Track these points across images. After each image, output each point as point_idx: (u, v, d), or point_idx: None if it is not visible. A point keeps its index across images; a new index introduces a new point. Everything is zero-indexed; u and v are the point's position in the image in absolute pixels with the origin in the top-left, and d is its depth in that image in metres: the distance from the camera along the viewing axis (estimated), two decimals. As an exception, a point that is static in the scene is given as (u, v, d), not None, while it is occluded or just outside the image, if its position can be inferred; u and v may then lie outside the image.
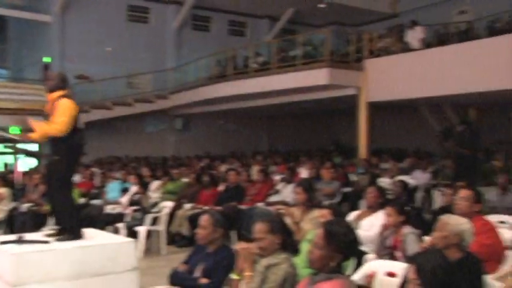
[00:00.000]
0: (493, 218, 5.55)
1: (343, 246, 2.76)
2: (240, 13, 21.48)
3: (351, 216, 5.78)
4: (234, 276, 3.34)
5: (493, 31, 13.02)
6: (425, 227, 4.62)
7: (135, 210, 8.11)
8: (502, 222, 5.82)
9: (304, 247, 3.79)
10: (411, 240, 4.32)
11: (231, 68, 16.08)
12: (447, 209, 5.21)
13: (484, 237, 4.17)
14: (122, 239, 5.50)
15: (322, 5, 19.28)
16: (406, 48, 13.20)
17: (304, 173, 10.55)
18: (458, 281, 2.65)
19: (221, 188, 9.09)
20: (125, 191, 9.01)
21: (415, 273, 2.42)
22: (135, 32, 19.69)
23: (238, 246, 3.38)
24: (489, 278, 3.50)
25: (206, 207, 7.91)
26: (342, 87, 13.40)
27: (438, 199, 8.37)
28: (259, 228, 3.36)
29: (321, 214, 4.51)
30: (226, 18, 21.60)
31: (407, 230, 4.46)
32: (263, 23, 22.10)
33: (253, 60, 15.87)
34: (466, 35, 14.00)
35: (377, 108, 13.92)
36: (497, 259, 4.26)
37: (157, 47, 20.12)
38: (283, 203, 7.75)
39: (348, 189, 9.36)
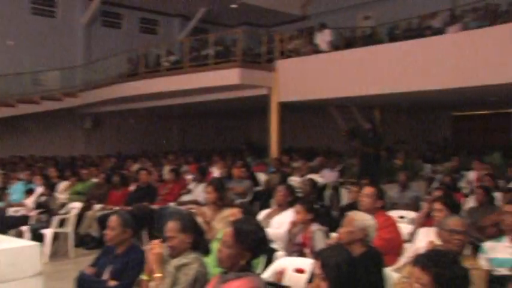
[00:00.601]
0: (393, 214, 5.88)
1: (252, 245, 2.79)
2: (152, 11, 21.15)
3: (262, 214, 5.88)
4: (143, 277, 3.31)
5: (393, 37, 13.72)
6: (333, 224, 4.79)
7: (40, 213, 7.78)
8: (401, 217, 6.16)
9: (215, 246, 3.82)
10: (319, 237, 4.47)
11: (143, 66, 15.80)
12: (353, 206, 5.43)
13: (385, 232, 4.40)
14: (25, 242, 5.23)
15: (234, 5, 19.41)
16: (316, 50, 13.57)
17: (216, 172, 10.58)
18: (361, 274, 2.78)
19: (132, 188, 8.92)
20: (29, 192, 8.62)
21: (321, 268, 2.51)
22: (40, 26, 18.77)
23: (149, 246, 3.35)
24: (389, 270, 3.70)
25: (116, 208, 7.73)
26: (254, 87, 13.55)
27: (345, 196, 8.68)
28: (170, 227, 3.35)
29: (231, 213, 4.55)
30: (137, 16, 21.18)
31: (315, 227, 4.60)
32: (175, 22, 21.90)
33: (165, 59, 15.68)
34: (371, 39, 14.63)
35: (288, 108, 14.21)
36: (396, 252, 4.50)
37: (65, 43, 19.32)
38: (195, 203, 7.74)
39: (259, 188, 9.49)
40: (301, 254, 4.44)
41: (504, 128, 18.37)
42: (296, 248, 4.62)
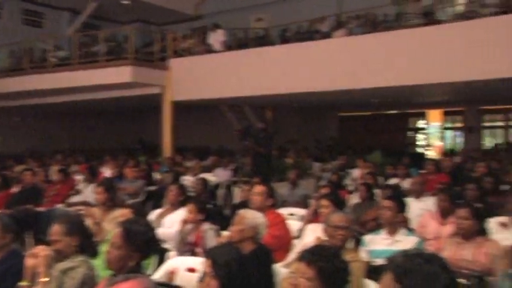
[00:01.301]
0: (284, 211, 6.07)
1: (141, 245, 2.75)
2: (36, 2, 20.02)
3: (154, 214, 5.82)
4: (23, 283, 3.14)
5: (284, 39, 14.13)
6: (226, 223, 4.85)
7: None
8: (291, 214, 6.37)
9: (105, 248, 3.73)
10: (210, 235, 4.51)
11: (27, 61, 14.96)
12: (245, 204, 5.53)
13: (275, 229, 4.54)
14: None
15: (126, 1, 18.92)
16: (209, 50, 13.63)
17: (107, 172, 10.29)
18: (250, 271, 2.85)
19: (15, 189, 8.42)
20: None
21: (210, 266, 2.54)
22: None
23: (32, 250, 3.19)
24: (278, 266, 3.83)
25: (-3, 212, 7.26)
26: (146, 85, 13.34)
27: (238, 195, 8.81)
28: (54, 230, 3.22)
29: (121, 214, 4.46)
30: (20, 6, 19.93)
31: (206, 226, 4.64)
32: (63, 15, 20.86)
33: (52, 54, 14.96)
34: (263, 40, 14.95)
35: (181, 107, 14.16)
36: (286, 248, 4.66)
37: None
38: (85, 204, 7.47)
39: (152, 188, 9.37)
40: (193, 253, 4.45)
41: (384, 128, 19.64)
42: (188, 248, 4.63)
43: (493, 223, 4.79)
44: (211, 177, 10.13)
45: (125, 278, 2.65)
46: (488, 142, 17.94)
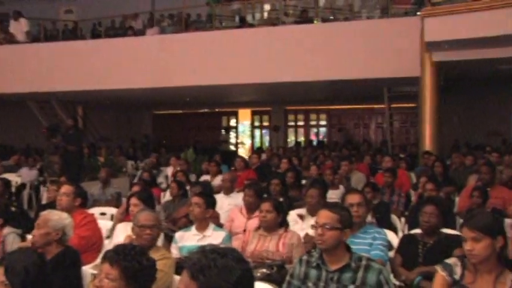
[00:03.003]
0: (95, 211, 5.91)
1: None
2: None
3: None
4: None
5: (96, 34, 13.70)
6: (31, 225, 4.56)
7: None
8: (103, 213, 6.23)
9: None
10: (10, 241, 4.21)
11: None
12: (51, 205, 5.26)
13: (83, 230, 4.40)
14: None
15: None
16: (11, 40, 12.62)
17: None
18: (53, 276, 2.73)
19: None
20: None
21: (3, 274, 2.37)
22: None
23: None
24: (87, 268, 3.73)
25: None
26: None
27: (45, 195, 8.34)
28: None
29: None
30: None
31: (7, 230, 4.33)
32: None
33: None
34: (73, 33, 14.29)
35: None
36: (96, 249, 4.54)
37: None
38: None
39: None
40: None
41: (197, 126, 20.12)
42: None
43: (292, 215, 5.19)
44: (15, 177, 9.48)
45: None
46: (292, 140, 19.40)
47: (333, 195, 6.39)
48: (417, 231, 4.19)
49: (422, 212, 4.00)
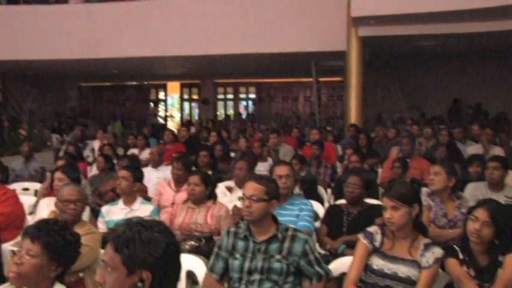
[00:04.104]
0: (17, 186, 5.72)
1: None
2: None
3: None
4: None
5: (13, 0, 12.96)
6: None
7: None
8: (26, 189, 6.03)
9: None
10: None
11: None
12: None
13: (3, 206, 4.24)
14: None
15: None
16: None
17: None
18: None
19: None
20: None
21: None
22: None
23: None
24: (7, 245, 3.61)
25: None
26: None
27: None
28: None
29: None
30: None
31: None
32: None
33: None
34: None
35: None
36: (18, 226, 4.39)
37: None
38: None
39: None
40: None
41: (126, 99, 19.68)
42: None
43: (221, 187, 5.23)
44: None
45: None
46: (221, 113, 19.37)
47: (261, 168, 6.47)
48: (342, 201, 4.34)
49: (347, 183, 4.13)
